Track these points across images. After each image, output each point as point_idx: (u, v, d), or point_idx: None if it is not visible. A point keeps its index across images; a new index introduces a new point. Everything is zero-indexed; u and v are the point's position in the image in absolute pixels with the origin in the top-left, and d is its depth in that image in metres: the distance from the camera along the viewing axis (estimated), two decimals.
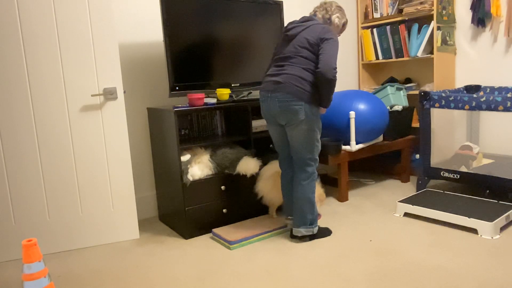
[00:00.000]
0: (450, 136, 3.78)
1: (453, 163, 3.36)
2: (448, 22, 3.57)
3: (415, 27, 3.69)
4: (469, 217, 2.54)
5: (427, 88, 3.75)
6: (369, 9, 4.13)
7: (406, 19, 3.83)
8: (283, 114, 2.38)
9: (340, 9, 2.54)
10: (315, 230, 2.55)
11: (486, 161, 3.34)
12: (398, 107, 3.54)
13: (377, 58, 4.09)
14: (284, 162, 2.62)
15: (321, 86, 2.32)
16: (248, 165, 2.76)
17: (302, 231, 2.52)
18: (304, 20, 2.46)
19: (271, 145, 3.31)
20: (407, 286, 1.99)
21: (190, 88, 2.87)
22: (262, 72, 3.20)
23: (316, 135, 2.43)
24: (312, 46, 2.35)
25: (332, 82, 2.29)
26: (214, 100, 2.87)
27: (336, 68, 2.28)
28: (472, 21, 3.50)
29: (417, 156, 3.76)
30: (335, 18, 2.51)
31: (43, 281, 1.72)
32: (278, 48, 2.50)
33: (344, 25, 2.58)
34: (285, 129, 2.48)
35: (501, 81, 3.45)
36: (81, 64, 2.55)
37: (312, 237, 2.58)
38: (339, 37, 2.61)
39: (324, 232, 2.63)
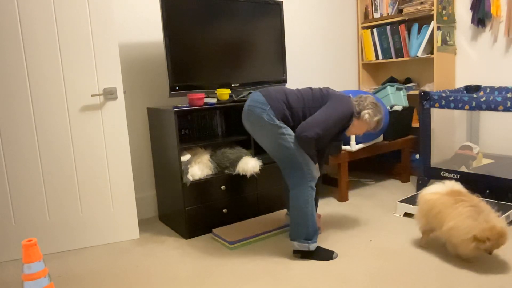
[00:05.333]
0: (450, 136, 3.78)
1: (453, 163, 3.36)
2: (448, 22, 3.57)
3: (415, 27, 3.69)
4: None
5: (427, 88, 3.75)
6: (369, 9, 4.13)
7: (406, 19, 3.83)
8: (248, 117, 2.31)
9: (374, 105, 2.38)
10: (312, 246, 2.29)
11: (486, 161, 3.34)
12: (398, 107, 3.53)
13: (377, 58, 4.09)
14: None
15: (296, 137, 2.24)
16: (248, 165, 2.76)
17: (295, 245, 2.31)
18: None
19: None
20: (407, 286, 1.99)
21: (190, 88, 2.87)
22: (262, 72, 3.20)
23: (288, 138, 2.23)
24: (326, 92, 2.31)
25: (302, 140, 2.18)
26: (214, 100, 2.87)
27: (318, 133, 2.17)
28: (472, 21, 3.50)
29: (417, 156, 3.76)
30: (365, 114, 2.35)
31: (43, 281, 1.72)
32: None
33: (377, 122, 2.40)
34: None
35: (501, 81, 3.45)
36: (81, 64, 2.55)
37: (305, 254, 2.32)
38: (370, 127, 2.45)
39: (323, 254, 2.32)
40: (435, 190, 2.33)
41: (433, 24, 3.55)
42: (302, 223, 2.28)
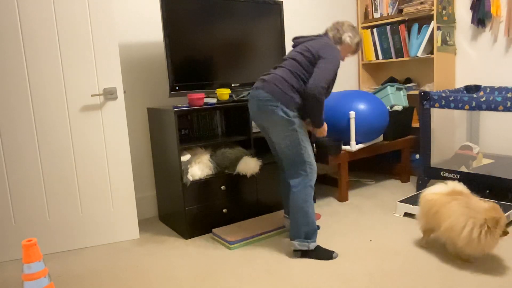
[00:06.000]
0: (450, 136, 3.78)
1: (453, 163, 3.36)
2: (448, 22, 3.57)
3: (415, 27, 3.69)
4: None
5: (427, 88, 3.75)
6: (369, 9, 4.12)
7: (406, 19, 3.83)
8: (261, 115, 2.31)
9: (352, 28, 2.46)
10: (312, 245, 2.32)
11: (486, 161, 3.34)
12: (398, 107, 3.54)
13: (377, 58, 4.09)
14: (281, 165, 2.59)
15: (306, 101, 2.25)
16: (248, 165, 2.76)
17: (295, 244, 2.33)
18: (313, 35, 2.44)
19: None
20: (407, 286, 1.99)
21: (190, 88, 2.87)
22: (262, 72, 3.20)
23: (299, 135, 2.27)
24: (309, 53, 2.29)
25: (315, 99, 2.20)
26: (214, 100, 2.87)
27: (324, 87, 2.20)
28: (472, 21, 3.50)
29: (417, 156, 3.76)
30: (346, 37, 2.43)
31: (43, 281, 1.72)
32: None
33: (357, 44, 2.49)
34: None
35: (501, 81, 3.45)
36: (81, 64, 2.55)
37: (305, 253, 2.34)
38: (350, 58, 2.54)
39: (323, 254, 2.33)
40: (437, 190, 2.33)
41: (433, 24, 3.55)
42: (302, 222, 2.30)
